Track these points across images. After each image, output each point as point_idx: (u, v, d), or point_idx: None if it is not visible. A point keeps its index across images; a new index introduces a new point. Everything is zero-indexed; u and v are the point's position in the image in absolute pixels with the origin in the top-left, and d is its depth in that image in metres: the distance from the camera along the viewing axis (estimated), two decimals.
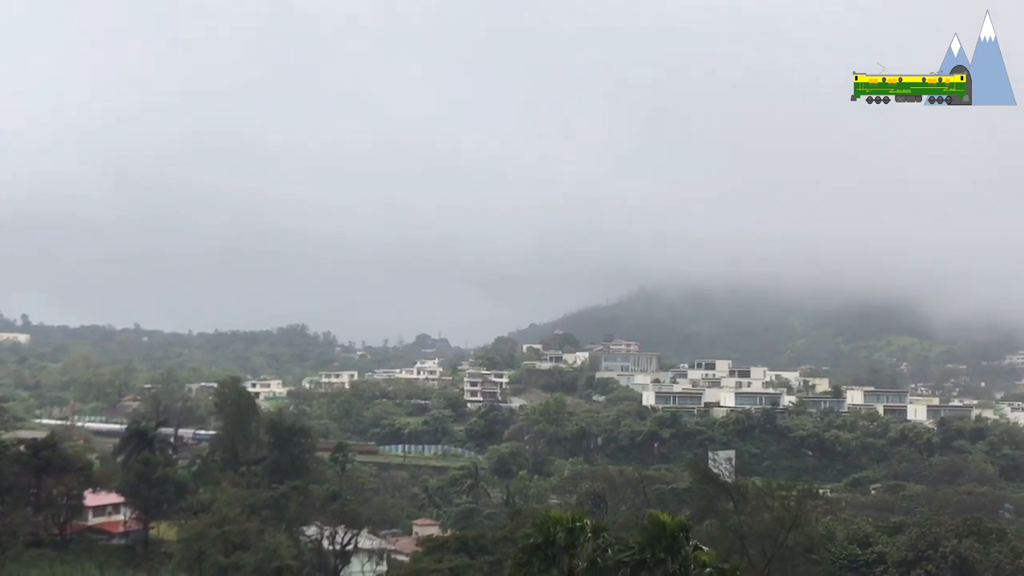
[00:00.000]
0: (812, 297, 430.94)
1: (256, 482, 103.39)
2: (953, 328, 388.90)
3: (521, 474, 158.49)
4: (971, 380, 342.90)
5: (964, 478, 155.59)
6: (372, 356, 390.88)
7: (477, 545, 71.45)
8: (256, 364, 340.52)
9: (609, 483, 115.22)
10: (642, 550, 34.27)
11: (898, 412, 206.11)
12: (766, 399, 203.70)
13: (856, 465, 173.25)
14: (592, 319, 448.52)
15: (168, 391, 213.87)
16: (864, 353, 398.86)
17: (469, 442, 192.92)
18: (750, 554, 65.78)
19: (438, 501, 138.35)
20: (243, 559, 76.56)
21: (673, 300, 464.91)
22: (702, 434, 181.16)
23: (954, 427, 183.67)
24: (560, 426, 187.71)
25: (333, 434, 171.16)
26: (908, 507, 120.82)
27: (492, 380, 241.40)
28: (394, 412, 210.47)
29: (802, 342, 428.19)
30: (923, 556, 70.25)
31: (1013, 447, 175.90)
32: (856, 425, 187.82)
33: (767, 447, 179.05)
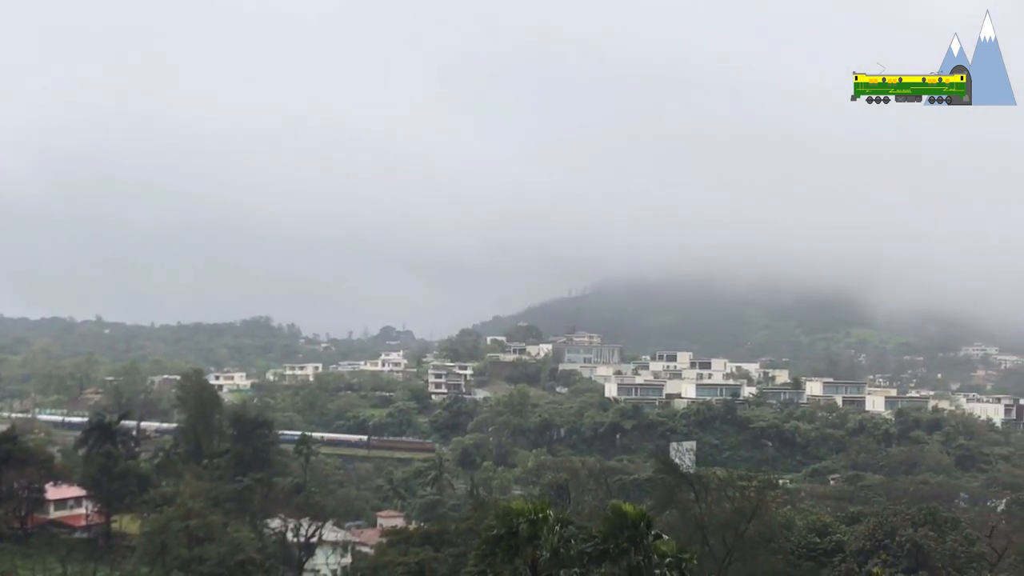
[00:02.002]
0: (772, 290, 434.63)
1: (220, 475, 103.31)
2: (910, 320, 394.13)
3: (485, 465, 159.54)
4: (928, 372, 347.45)
5: (921, 468, 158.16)
6: (336, 348, 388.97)
7: (441, 537, 71.79)
8: (219, 356, 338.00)
9: (572, 474, 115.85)
10: (604, 540, 34.72)
11: (856, 403, 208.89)
12: (726, 390, 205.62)
13: (815, 456, 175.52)
14: (555, 311, 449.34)
15: (130, 384, 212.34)
16: (823, 345, 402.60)
17: (434, 434, 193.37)
18: (711, 544, 66.59)
19: (403, 493, 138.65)
20: (207, 552, 76.62)
21: (635, 293, 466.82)
22: (664, 425, 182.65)
23: (911, 418, 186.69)
24: (524, 418, 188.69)
25: (298, 427, 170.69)
26: (866, 497, 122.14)
27: (456, 372, 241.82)
28: (359, 404, 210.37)
29: (762, 334, 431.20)
30: (880, 545, 70.98)
31: (968, 437, 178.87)
32: (815, 416, 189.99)
33: (727, 438, 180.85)
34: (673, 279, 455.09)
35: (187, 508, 79.78)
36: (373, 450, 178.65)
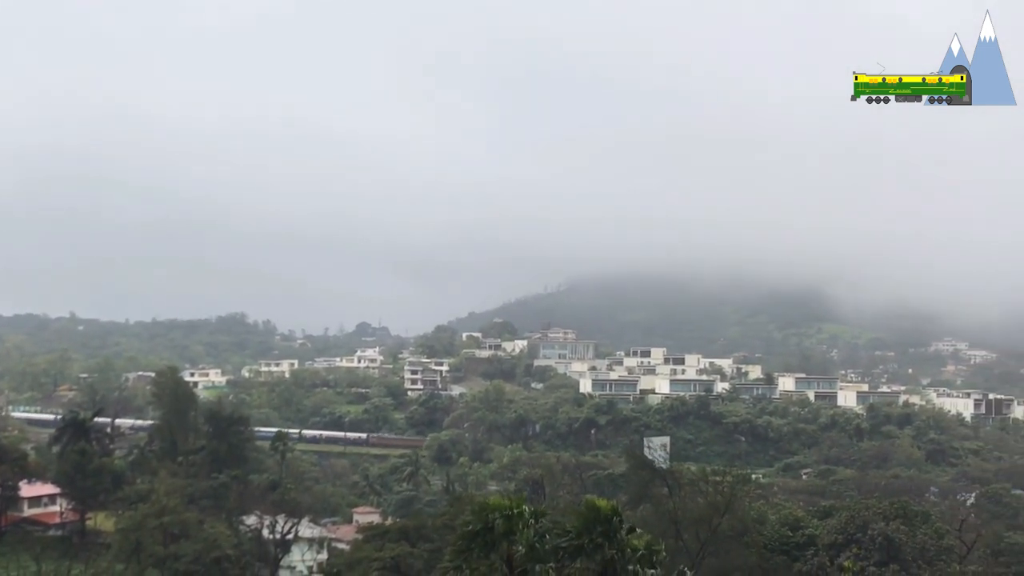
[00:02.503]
0: (744, 286, 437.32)
1: (195, 472, 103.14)
2: (881, 316, 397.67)
3: (461, 461, 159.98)
4: (899, 367, 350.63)
5: (892, 462, 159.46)
6: (312, 345, 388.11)
7: (417, 532, 72.00)
8: (195, 353, 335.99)
9: (547, 469, 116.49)
10: (578, 535, 35.12)
11: (828, 398, 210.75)
12: (700, 386, 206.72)
13: (788, 450, 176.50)
14: (531, 308, 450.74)
15: (105, 380, 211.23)
16: (795, 340, 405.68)
17: (410, 430, 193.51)
18: (684, 538, 67.25)
19: (379, 489, 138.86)
20: (182, 549, 76.62)
21: (609, 289, 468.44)
22: (638, 420, 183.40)
23: (882, 413, 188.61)
24: (499, 413, 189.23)
25: (273, 423, 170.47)
26: (838, 491, 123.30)
27: (432, 368, 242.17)
28: (335, 401, 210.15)
29: (735, 330, 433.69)
30: (852, 539, 71.48)
31: (938, 432, 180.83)
32: (788, 411, 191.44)
33: (701, 433, 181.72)
34: (646, 276, 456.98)
35: (162, 505, 79.77)
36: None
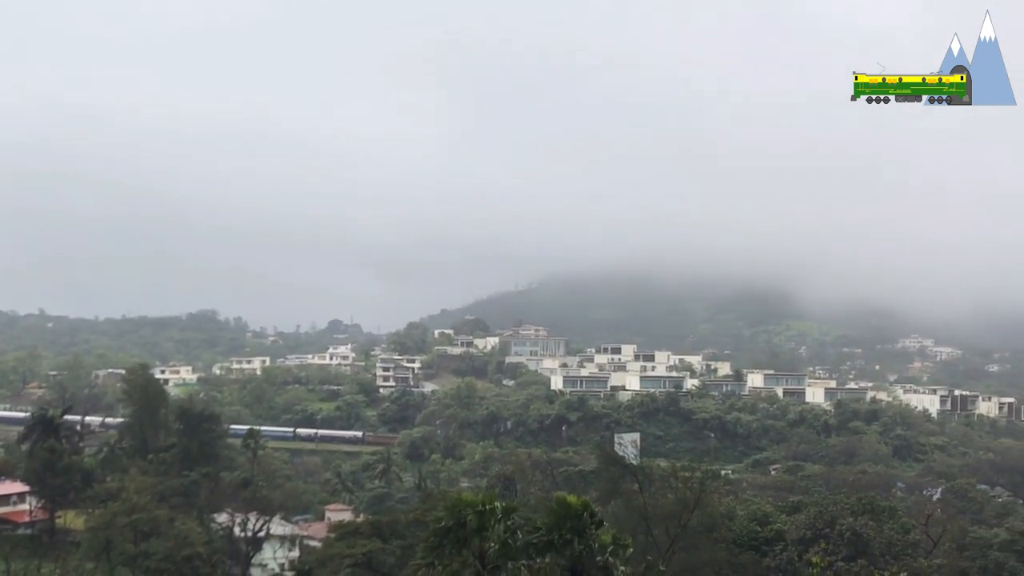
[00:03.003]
0: (713, 284, 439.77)
1: (165, 469, 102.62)
2: (849, 313, 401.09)
3: (433, 458, 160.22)
4: (866, 363, 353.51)
5: (859, 458, 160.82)
6: (284, 342, 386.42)
7: (390, 529, 72.16)
8: (165, 350, 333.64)
9: (518, 466, 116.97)
10: (549, 531, 35.51)
11: (797, 395, 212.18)
12: (670, 382, 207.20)
13: (756, 446, 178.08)
14: (502, 305, 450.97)
15: (74, 378, 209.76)
16: (764, 337, 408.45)
17: (382, 427, 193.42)
18: (655, 534, 67.64)
19: (351, 486, 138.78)
20: (153, 547, 76.40)
21: (580, 286, 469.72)
22: (608, 417, 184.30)
23: (850, 409, 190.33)
24: (471, 410, 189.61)
25: (245, 420, 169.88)
26: (806, 487, 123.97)
27: (404, 365, 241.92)
28: (306, 398, 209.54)
29: (705, 327, 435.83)
30: (820, 534, 71.82)
31: (905, 428, 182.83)
32: (756, 407, 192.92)
33: (671, 429, 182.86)
34: (616, 274, 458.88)
35: (132, 503, 79.46)
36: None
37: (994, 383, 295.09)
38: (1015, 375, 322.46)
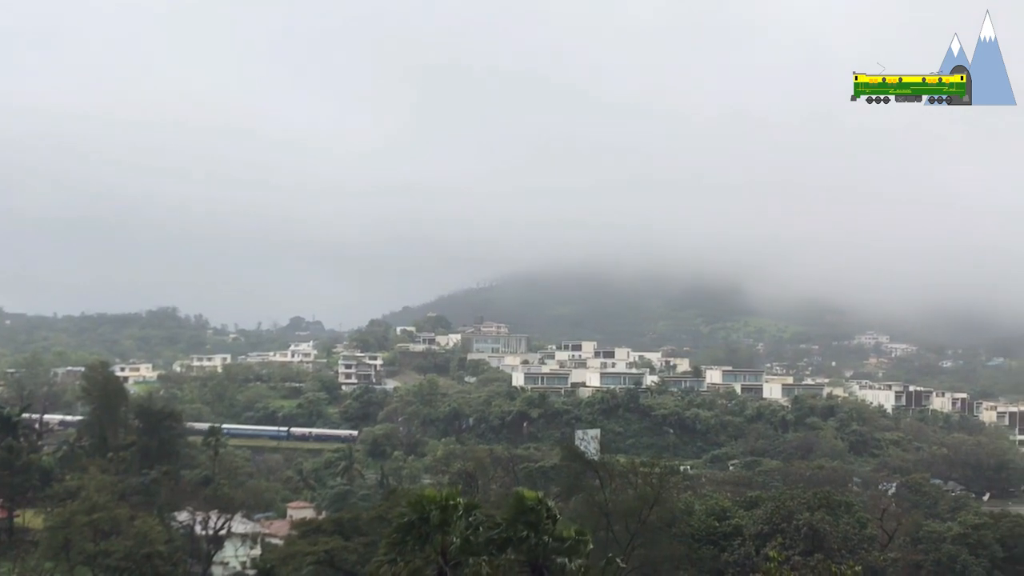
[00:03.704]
0: (672, 281, 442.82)
1: (125, 468, 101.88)
2: (806, 310, 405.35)
3: (395, 455, 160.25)
4: (823, 359, 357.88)
5: (816, 453, 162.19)
6: (245, 339, 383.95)
7: (352, 526, 72.15)
8: (125, 348, 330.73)
9: (480, 463, 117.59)
10: (508, 527, 36.11)
11: (754, 391, 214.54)
12: (630, 379, 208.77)
13: (715, 442, 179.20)
14: (464, 302, 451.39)
15: (32, 375, 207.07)
16: (722, 334, 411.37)
17: (344, 424, 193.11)
18: (615, 529, 68.39)
19: (313, 484, 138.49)
20: (113, 546, 75.82)
21: (541, 284, 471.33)
22: (569, 413, 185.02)
23: (807, 405, 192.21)
24: (433, 407, 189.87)
25: (206, 418, 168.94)
26: (764, 482, 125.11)
27: (366, 362, 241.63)
28: (268, 395, 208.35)
29: (664, 324, 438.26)
30: (777, 529, 72.62)
31: (861, 423, 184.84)
32: (715, 403, 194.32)
33: (631, 425, 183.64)
34: (576, 271, 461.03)
35: (92, 502, 78.85)
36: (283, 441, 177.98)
37: (947, 379, 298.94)
38: (968, 371, 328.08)
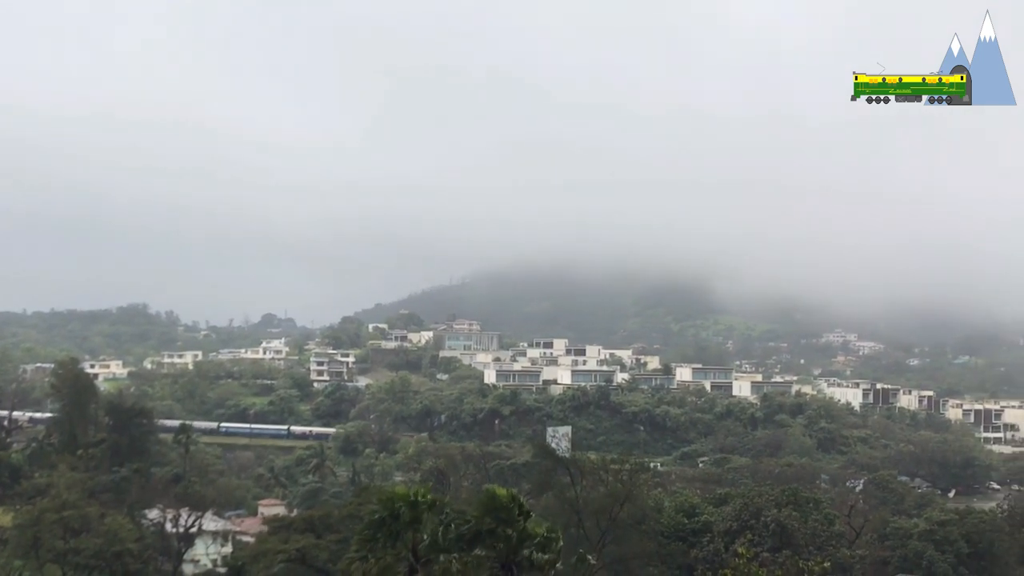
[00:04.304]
0: (642, 278, 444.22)
1: (95, 465, 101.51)
2: (775, 308, 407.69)
3: (367, 452, 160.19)
4: (791, 357, 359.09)
5: (785, 450, 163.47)
6: (217, 336, 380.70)
7: (324, 524, 72.02)
8: (95, 344, 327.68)
9: (451, 460, 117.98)
10: (479, 523, 36.32)
11: (724, 388, 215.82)
12: (600, 376, 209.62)
13: (685, 439, 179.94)
14: (436, 299, 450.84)
15: (1, 372, 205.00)
16: (692, 332, 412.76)
17: (316, 422, 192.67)
18: (586, 526, 69.01)
19: (284, 481, 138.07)
20: (83, 544, 75.51)
21: (513, 281, 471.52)
22: (540, 411, 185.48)
23: (776, 402, 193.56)
24: (405, 404, 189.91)
25: (177, 415, 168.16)
26: (733, 479, 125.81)
27: (338, 360, 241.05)
28: (239, 392, 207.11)
29: (634, 321, 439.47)
30: (746, 525, 73.50)
31: (829, 421, 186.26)
32: (685, 401, 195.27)
33: (601, 422, 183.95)
34: (547, 268, 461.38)
35: (62, 499, 78.56)
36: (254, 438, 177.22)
37: (914, 377, 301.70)
38: (934, 369, 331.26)
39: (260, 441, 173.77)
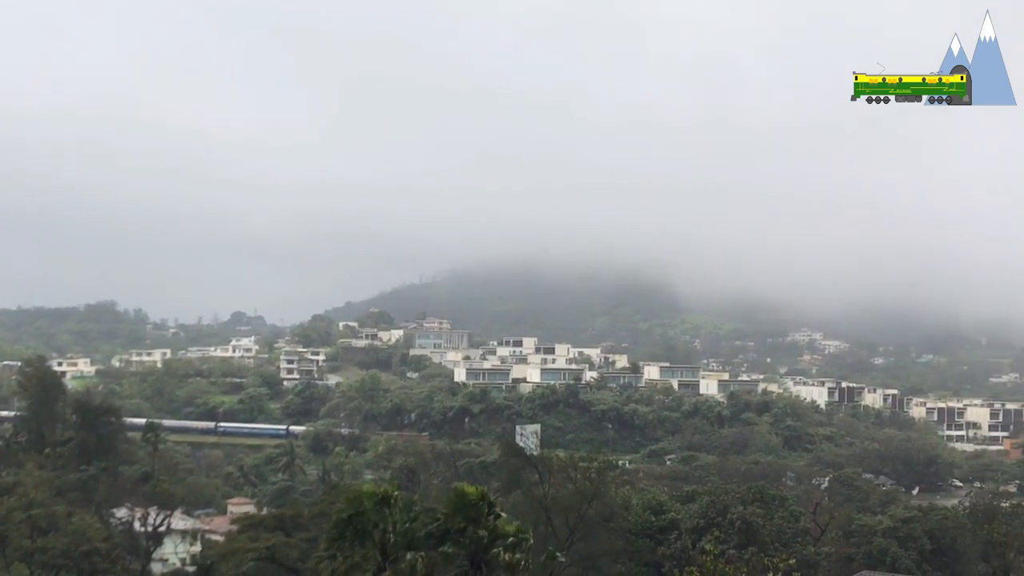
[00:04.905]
0: (610, 277, 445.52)
1: (63, 464, 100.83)
2: (742, 307, 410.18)
3: (337, 451, 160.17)
4: (758, 356, 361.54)
5: (751, 448, 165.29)
6: (185, 334, 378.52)
7: (293, 522, 71.90)
8: (62, 342, 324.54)
9: (421, 458, 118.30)
10: (447, 521, 36.65)
11: (691, 387, 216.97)
12: (569, 375, 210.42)
13: (653, 437, 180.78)
14: (406, 297, 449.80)
15: None
16: (660, 331, 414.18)
17: (286, 420, 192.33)
18: (554, 524, 69.32)
19: (254, 480, 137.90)
20: (50, 543, 75.19)
21: (483, 280, 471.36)
22: (510, 409, 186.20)
23: (742, 400, 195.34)
24: (375, 403, 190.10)
25: (145, 414, 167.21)
26: (700, 476, 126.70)
27: (308, 358, 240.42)
28: (208, 391, 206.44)
29: (602, 320, 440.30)
30: (713, 522, 73.13)
31: (795, 419, 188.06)
32: (653, 399, 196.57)
33: (570, 421, 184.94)
34: (518, 268, 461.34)
35: (29, 498, 78.04)
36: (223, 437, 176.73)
37: (879, 375, 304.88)
38: (898, 368, 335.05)
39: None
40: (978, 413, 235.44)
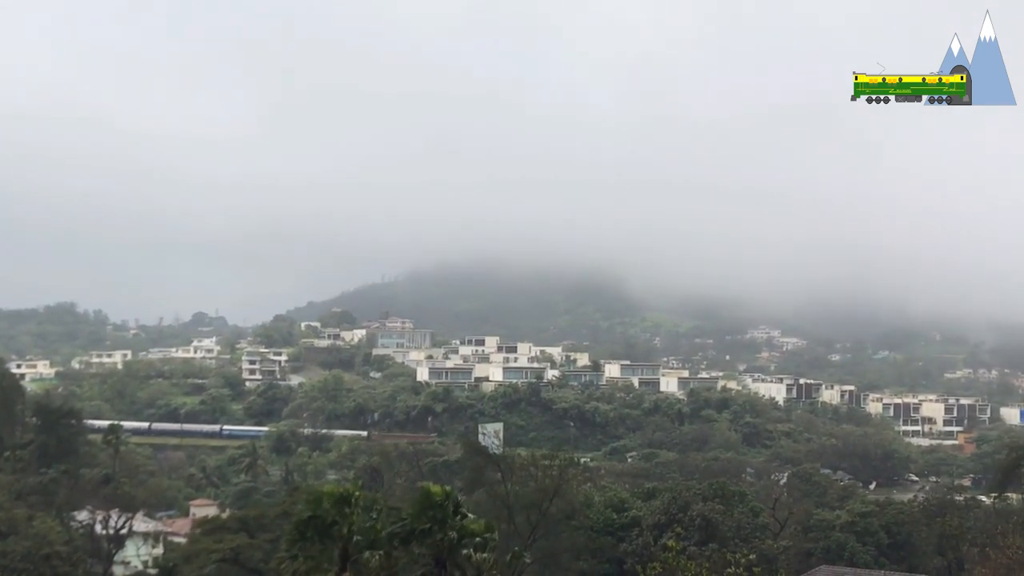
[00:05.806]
0: (570, 276, 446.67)
1: (23, 467, 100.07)
2: (700, 305, 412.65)
3: (300, 451, 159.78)
4: (717, 353, 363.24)
5: (711, 445, 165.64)
6: (146, 335, 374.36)
7: (257, 524, 71.73)
8: (21, 344, 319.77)
9: (385, 457, 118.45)
10: (413, 521, 37.07)
11: (652, 384, 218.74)
12: (531, 373, 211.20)
13: (614, 435, 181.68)
14: (368, 297, 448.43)
15: None
16: (621, 329, 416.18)
17: (248, 420, 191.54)
18: (517, 522, 69.82)
19: (216, 481, 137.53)
20: (10, 547, 74.76)
21: (444, 279, 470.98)
22: (473, 407, 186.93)
23: (702, 398, 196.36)
24: (338, 403, 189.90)
25: (106, 416, 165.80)
26: (661, 473, 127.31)
27: (271, 358, 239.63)
28: (170, 392, 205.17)
29: (564, 319, 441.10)
30: (674, 519, 73.20)
31: (754, 415, 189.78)
32: (614, 397, 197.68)
33: (532, 419, 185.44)
34: (479, 267, 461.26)
35: None
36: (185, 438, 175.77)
37: (836, 372, 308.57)
38: (855, 364, 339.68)
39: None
40: (933, 408, 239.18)
